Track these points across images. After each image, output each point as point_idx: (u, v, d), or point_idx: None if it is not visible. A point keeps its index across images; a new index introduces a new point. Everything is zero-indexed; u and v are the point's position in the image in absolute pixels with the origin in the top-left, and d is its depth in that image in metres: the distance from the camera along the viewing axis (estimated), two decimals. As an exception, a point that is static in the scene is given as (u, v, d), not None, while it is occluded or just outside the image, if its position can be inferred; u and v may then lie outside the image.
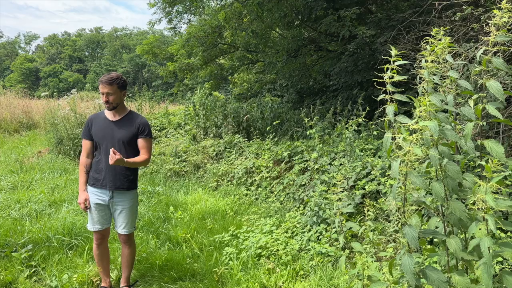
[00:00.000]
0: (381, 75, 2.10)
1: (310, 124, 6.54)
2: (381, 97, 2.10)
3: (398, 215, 2.07)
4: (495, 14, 1.85)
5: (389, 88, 2.03)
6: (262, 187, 6.28)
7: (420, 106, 1.91)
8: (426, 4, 5.69)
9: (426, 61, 2.04)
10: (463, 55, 4.05)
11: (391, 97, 2.05)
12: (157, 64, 35.09)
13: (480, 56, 1.85)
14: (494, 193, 1.69)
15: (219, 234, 4.82)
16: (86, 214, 3.49)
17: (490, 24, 1.81)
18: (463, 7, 4.86)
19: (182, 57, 12.48)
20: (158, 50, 14.64)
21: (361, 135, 6.01)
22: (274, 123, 8.38)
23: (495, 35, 1.77)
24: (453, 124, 2.05)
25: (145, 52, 14.77)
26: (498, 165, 1.72)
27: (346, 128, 6.08)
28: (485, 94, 1.84)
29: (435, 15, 5.54)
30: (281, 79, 13.26)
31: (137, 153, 3.44)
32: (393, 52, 2.00)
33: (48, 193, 6.35)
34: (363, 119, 6.10)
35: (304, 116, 7.00)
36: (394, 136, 2.02)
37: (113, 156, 3.06)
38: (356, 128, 6.02)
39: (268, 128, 8.22)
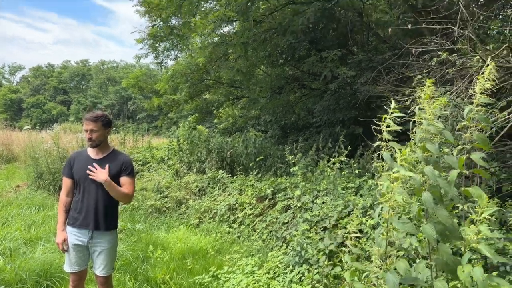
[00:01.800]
0: (378, 123, 2.22)
1: (294, 161, 6.60)
2: (377, 143, 2.20)
3: (380, 261, 2.09)
4: (471, 63, 2.00)
5: (386, 136, 2.13)
6: (244, 225, 6.21)
7: (409, 153, 2.01)
8: (404, 48, 5.96)
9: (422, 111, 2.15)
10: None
11: (386, 144, 2.15)
12: (143, 97, 35.25)
13: (466, 113, 2.01)
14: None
15: (199, 275, 4.70)
16: (63, 253, 3.38)
17: (474, 89, 1.99)
18: (439, 52, 5.11)
19: (167, 93, 12.60)
20: (144, 84, 14.77)
21: (343, 173, 6.07)
22: (258, 159, 8.42)
23: (479, 98, 1.94)
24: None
25: (131, 85, 14.87)
26: (486, 203, 1.82)
27: (329, 166, 6.15)
28: (469, 147, 1.96)
29: (413, 59, 5.80)
30: (265, 114, 13.45)
31: None
32: (392, 104, 2.14)
33: (25, 230, 6.12)
34: (345, 158, 6.19)
35: (288, 154, 7.07)
36: (377, 182, 2.11)
37: (100, 173, 3.03)
38: (338, 165, 6.09)
39: (251, 164, 8.23)
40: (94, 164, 3.19)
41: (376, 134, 2.26)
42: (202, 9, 9.25)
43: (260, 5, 10.83)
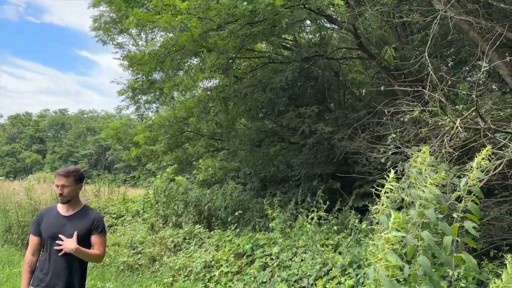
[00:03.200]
0: (379, 188, 2.31)
1: (273, 216, 6.53)
2: (375, 207, 2.25)
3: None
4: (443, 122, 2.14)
5: (384, 201, 2.19)
6: (221, 284, 5.95)
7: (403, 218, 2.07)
8: (379, 107, 6.22)
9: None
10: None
11: (383, 209, 2.20)
12: (122, 147, 34.92)
13: (462, 185, 2.13)
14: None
15: None
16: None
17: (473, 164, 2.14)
18: (413, 109, 5.33)
19: (146, 144, 12.53)
20: (124, 135, 14.67)
21: (321, 228, 6.02)
22: (236, 213, 8.28)
23: (475, 173, 2.09)
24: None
25: (110, 136, 14.75)
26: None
27: (308, 222, 6.09)
28: (461, 214, 2.05)
29: (387, 118, 6.02)
30: (245, 167, 13.47)
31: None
32: (391, 174, 2.23)
33: (-17, 290, 5.70)
34: (324, 213, 6.18)
35: (268, 208, 7.00)
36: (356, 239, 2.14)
37: (68, 243, 2.90)
38: (317, 221, 6.06)
39: (230, 219, 8.08)
40: (60, 235, 3.08)
41: (356, 189, 2.32)
42: (186, 65, 9.51)
43: (241, 62, 11.26)
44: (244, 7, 5.57)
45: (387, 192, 2.25)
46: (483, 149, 2.23)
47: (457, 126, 3.40)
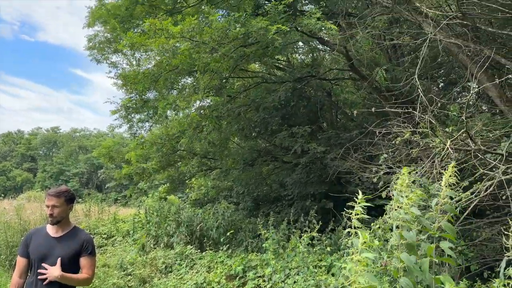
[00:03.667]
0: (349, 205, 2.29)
1: (266, 236, 6.46)
2: (347, 230, 2.22)
3: None
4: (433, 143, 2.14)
5: (355, 223, 2.17)
6: (212, 307, 5.82)
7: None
8: (370, 127, 6.28)
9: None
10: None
11: (355, 232, 2.18)
12: (114, 166, 34.62)
13: (434, 204, 2.11)
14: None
15: None
16: None
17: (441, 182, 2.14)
18: (403, 130, 5.38)
19: (138, 162, 12.44)
20: (116, 154, 14.57)
21: (314, 249, 5.96)
22: (229, 233, 8.18)
23: (445, 191, 2.08)
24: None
25: (102, 155, 14.63)
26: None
27: (300, 242, 6.03)
28: (437, 233, 2.03)
29: (379, 138, 6.07)
30: (238, 186, 13.41)
31: (77, 272, 3.18)
32: (360, 196, 2.22)
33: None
34: (316, 233, 6.13)
35: (261, 228, 6.93)
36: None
37: (52, 270, 2.83)
38: (310, 241, 6.00)
39: (222, 239, 7.98)
40: (43, 264, 3.04)
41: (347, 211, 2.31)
42: (179, 84, 9.56)
43: (235, 81, 11.36)
44: (238, 30, 5.66)
45: (358, 214, 2.23)
46: (473, 170, 2.25)
47: (448, 148, 3.43)
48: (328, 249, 5.75)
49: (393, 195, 2.27)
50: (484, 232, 4.86)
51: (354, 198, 2.25)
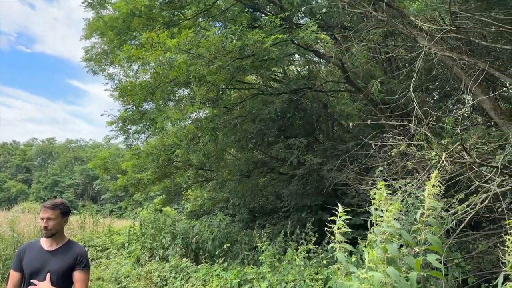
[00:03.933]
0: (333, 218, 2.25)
1: (262, 249, 6.41)
2: (332, 245, 2.20)
3: None
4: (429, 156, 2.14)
5: (338, 237, 2.15)
6: (207, 321, 5.74)
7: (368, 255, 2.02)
8: (366, 140, 6.30)
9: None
10: (401, 190, 4.36)
11: (339, 246, 2.16)
12: (110, 177, 34.40)
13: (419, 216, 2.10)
14: None
15: None
16: None
17: (425, 193, 2.11)
18: (399, 143, 5.40)
19: (133, 172, 12.37)
20: (111, 165, 14.48)
21: (311, 262, 5.91)
22: (224, 246, 8.11)
23: (429, 202, 2.06)
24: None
25: (97, 166, 14.54)
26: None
27: (297, 255, 5.99)
28: (423, 248, 2.01)
29: (375, 150, 6.08)
30: (234, 197, 13.34)
31: (70, 287, 3.13)
32: (340, 209, 2.21)
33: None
34: (313, 245, 6.09)
35: (258, 240, 6.88)
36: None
37: (42, 286, 2.81)
38: (306, 254, 5.96)
39: (217, 252, 7.90)
40: (33, 280, 2.98)
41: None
42: (176, 95, 9.58)
43: (231, 93, 11.39)
44: (234, 43, 5.70)
45: (340, 228, 2.23)
46: (469, 183, 2.25)
47: (443, 160, 3.44)
48: (325, 261, 5.70)
49: (373, 209, 2.26)
50: (480, 245, 4.86)
51: (335, 211, 2.25)
